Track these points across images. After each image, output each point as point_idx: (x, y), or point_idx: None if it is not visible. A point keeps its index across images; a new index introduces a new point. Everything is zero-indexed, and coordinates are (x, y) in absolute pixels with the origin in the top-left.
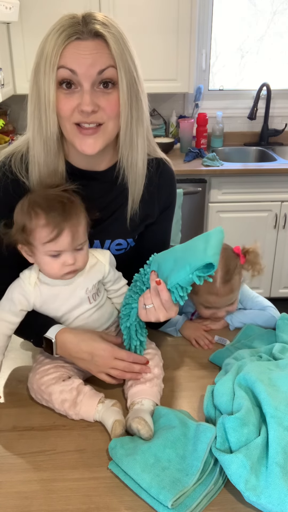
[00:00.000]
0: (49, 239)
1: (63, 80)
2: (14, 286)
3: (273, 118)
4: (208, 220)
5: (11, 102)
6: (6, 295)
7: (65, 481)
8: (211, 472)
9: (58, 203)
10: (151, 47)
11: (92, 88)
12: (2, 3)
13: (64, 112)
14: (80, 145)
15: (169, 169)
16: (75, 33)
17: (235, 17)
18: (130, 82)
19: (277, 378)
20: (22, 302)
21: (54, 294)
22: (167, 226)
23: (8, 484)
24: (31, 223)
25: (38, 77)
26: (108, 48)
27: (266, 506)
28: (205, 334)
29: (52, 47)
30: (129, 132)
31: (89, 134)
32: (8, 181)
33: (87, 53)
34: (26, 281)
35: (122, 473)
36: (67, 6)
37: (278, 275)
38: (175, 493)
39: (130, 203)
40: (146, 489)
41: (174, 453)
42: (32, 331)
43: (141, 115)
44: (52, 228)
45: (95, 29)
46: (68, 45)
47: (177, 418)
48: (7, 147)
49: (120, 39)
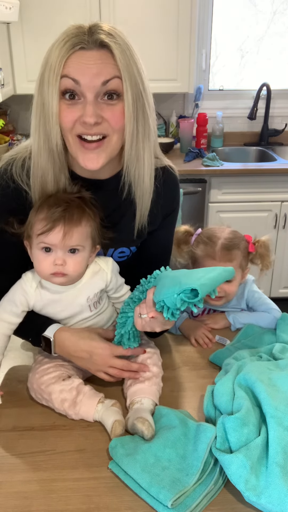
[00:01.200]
0: (42, 231)
1: (66, 90)
2: (16, 288)
3: (273, 118)
4: (208, 220)
5: (11, 102)
6: (7, 296)
7: (65, 481)
8: (211, 472)
9: (64, 202)
10: (151, 47)
11: (96, 100)
12: (2, 3)
13: (66, 123)
14: (83, 161)
15: (173, 176)
16: (80, 43)
17: (235, 17)
18: (136, 95)
19: (277, 378)
20: (24, 303)
21: (55, 300)
22: (170, 232)
23: (8, 484)
24: (34, 217)
25: (42, 87)
26: (114, 59)
27: (266, 506)
28: (206, 333)
29: (56, 57)
30: (135, 146)
31: (91, 148)
32: (9, 189)
33: (92, 63)
34: (28, 283)
35: (122, 472)
36: (67, 6)
37: (278, 275)
38: (175, 492)
39: (138, 217)
40: (146, 488)
41: (175, 453)
42: (31, 330)
43: (147, 130)
44: (47, 221)
45: (100, 39)
46: (72, 55)
47: (178, 418)
48: (8, 151)
49: (127, 50)
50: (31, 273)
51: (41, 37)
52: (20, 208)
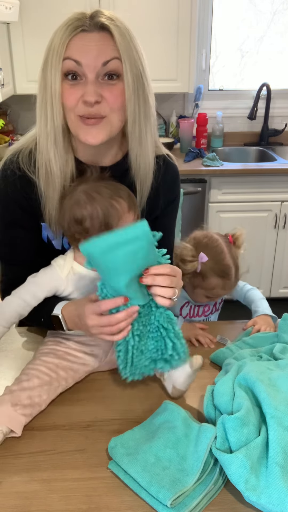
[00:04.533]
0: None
1: (68, 71)
2: (45, 272)
3: (273, 118)
4: (208, 220)
5: (11, 102)
6: (34, 278)
7: (65, 481)
8: (211, 472)
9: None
10: (151, 47)
11: (97, 79)
12: (2, 3)
13: (69, 102)
14: (84, 135)
15: (173, 164)
16: (82, 25)
17: (235, 17)
18: (136, 76)
19: (277, 378)
20: (51, 290)
21: (86, 284)
22: (172, 219)
23: (8, 484)
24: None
25: (45, 71)
26: (114, 41)
27: (266, 506)
28: (205, 333)
29: (59, 40)
30: (137, 127)
31: (92, 124)
32: (15, 177)
33: (92, 44)
34: (58, 269)
35: (122, 472)
36: (67, 6)
37: (278, 275)
38: (175, 492)
39: (138, 201)
40: (146, 487)
41: (175, 453)
42: (43, 312)
43: (148, 110)
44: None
45: (101, 21)
46: (74, 37)
47: (181, 417)
48: (13, 145)
49: (126, 33)
50: (62, 260)
51: (41, 37)
52: (27, 197)
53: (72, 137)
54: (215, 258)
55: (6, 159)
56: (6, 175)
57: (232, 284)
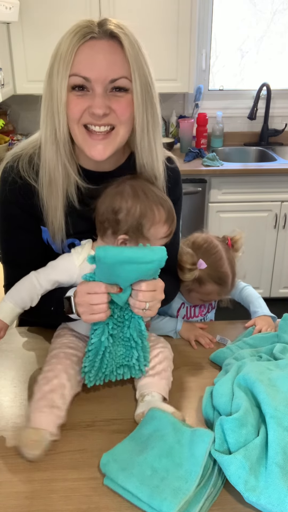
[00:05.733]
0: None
1: (75, 85)
2: (63, 257)
3: (273, 118)
4: (208, 220)
5: (11, 102)
6: (52, 263)
7: (65, 481)
8: (210, 474)
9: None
10: (151, 47)
11: (105, 92)
12: (2, 3)
13: (74, 113)
14: (90, 151)
15: (175, 165)
16: (91, 32)
17: (235, 17)
18: (145, 86)
19: (277, 378)
20: (63, 275)
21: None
22: (177, 220)
23: (8, 484)
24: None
25: (51, 78)
26: (123, 50)
27: (266, 507)
28: (205, 333)
29: (67, 47)
30: (146, 136)
31: (99, 139)
32: (16, 186)
33: (101, 57)
34: (75, 256)
35: (120, 488)
36: (67, 6)
37: (278, 275)
38: (178, 502)
39: None
40: (147, 502)
41: (171, 462)
42: (53, 299)
43: (156, 120)
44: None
45: (110, 29)
46: (83, 45)
47: (170, 423)
48: (8, 151)
49: (135, 42)
50: (80, 248)
51: (41, 37)
52: (28, 203)
53: (75, 144)
54: (213, 265)
55: (6, 165)
56: (7, 182)
57: (228, 291)
